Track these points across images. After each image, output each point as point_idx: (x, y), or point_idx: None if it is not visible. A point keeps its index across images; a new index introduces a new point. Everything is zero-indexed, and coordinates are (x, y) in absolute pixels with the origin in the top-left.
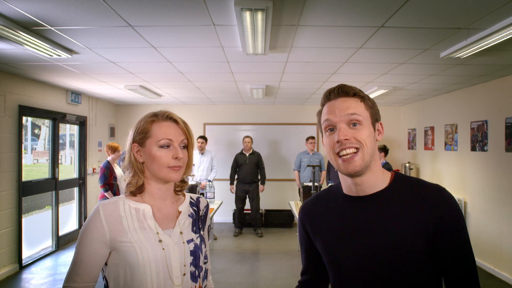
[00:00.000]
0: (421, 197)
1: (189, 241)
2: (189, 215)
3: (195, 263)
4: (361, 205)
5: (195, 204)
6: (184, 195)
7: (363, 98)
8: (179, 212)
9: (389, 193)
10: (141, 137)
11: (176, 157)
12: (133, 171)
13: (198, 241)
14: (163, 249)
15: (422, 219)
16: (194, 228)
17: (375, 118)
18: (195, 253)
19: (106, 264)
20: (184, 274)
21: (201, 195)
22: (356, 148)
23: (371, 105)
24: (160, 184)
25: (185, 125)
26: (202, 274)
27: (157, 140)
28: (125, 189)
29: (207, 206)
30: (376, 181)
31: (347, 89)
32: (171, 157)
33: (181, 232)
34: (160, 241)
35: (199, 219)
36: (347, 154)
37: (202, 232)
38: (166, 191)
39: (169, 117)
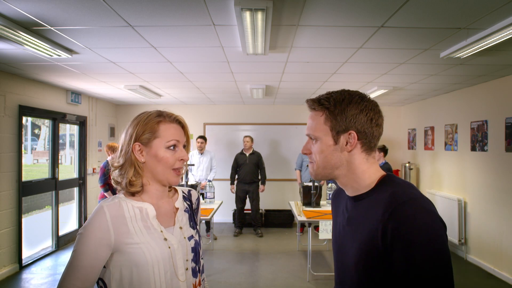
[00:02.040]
0: (379, 204)
1: (190, 238)
2: (185, 211)
3: (196, 259)
4: (351, 204)
5: (187, 198)
6: (175, 190)
7: (327, 108)
8: (176, 209)
9: (367, 197)
10: (148, 136)
11: (182, 159)
12: (134, 171)
13: (197, 237)
14: (169, 247)
15: (372, 229)
16: (191, 223)
17: (338, 130)
18: (195, 250)
19: (103, 266)
20: (187, 269)
21: (201, 195)
22: (311, 161)
23: (334, 116)
24: (159, 185)
25: (187, 128)
26: (201, 268)
27: (167, 141)
28: (126, 189)
29: (198, 199)
30: (355, 185)
31: (309, 104)
32: (176, 158)
33: (180, 228)
34: (165, 239)
35: (194, 213)
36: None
37: (198, 227)
38: (163, 191)
39: (176, 120)
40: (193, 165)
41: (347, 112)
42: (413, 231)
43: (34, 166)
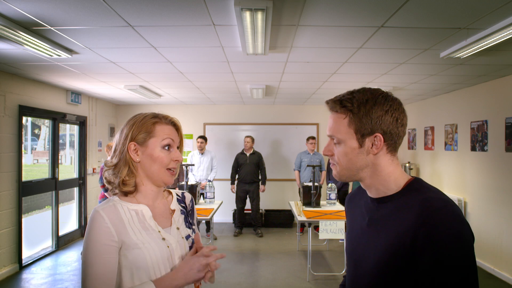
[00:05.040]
0: (411, 207)
1: (187, 237)
2: (181, 212)
3: None
4: (374, 206)
5: (182, 200)
6: (169, 193)
7: (350, 111)
8: (172, 210)
9: (393, 200)
10: (143, 136)
11: (177, 160)
12: (128, 170)
13: (193, 236)
14: (168, 247)
15: (402, 232)
16: (187, 223)
17: (363, 133)
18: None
19: None
20: None
21: (201, 195)
22: (333, 163)
23: (358, 119)
24: (153, 185)
25: (181, 130)
26: None
27: (162, 139)
28: (118, 188)
29: (192, 201)
30: (380, 187)
31: (330, 106)
32: (171, 158)
33: (177, 228)
34: (163, 239)
35: (188, 214)
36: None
37: (194, 227)
38: (158, 191)
39: (171, 121)
40: (193, 165)
41: (372, 114)
42: (445, 238)
43: (34, 166)
